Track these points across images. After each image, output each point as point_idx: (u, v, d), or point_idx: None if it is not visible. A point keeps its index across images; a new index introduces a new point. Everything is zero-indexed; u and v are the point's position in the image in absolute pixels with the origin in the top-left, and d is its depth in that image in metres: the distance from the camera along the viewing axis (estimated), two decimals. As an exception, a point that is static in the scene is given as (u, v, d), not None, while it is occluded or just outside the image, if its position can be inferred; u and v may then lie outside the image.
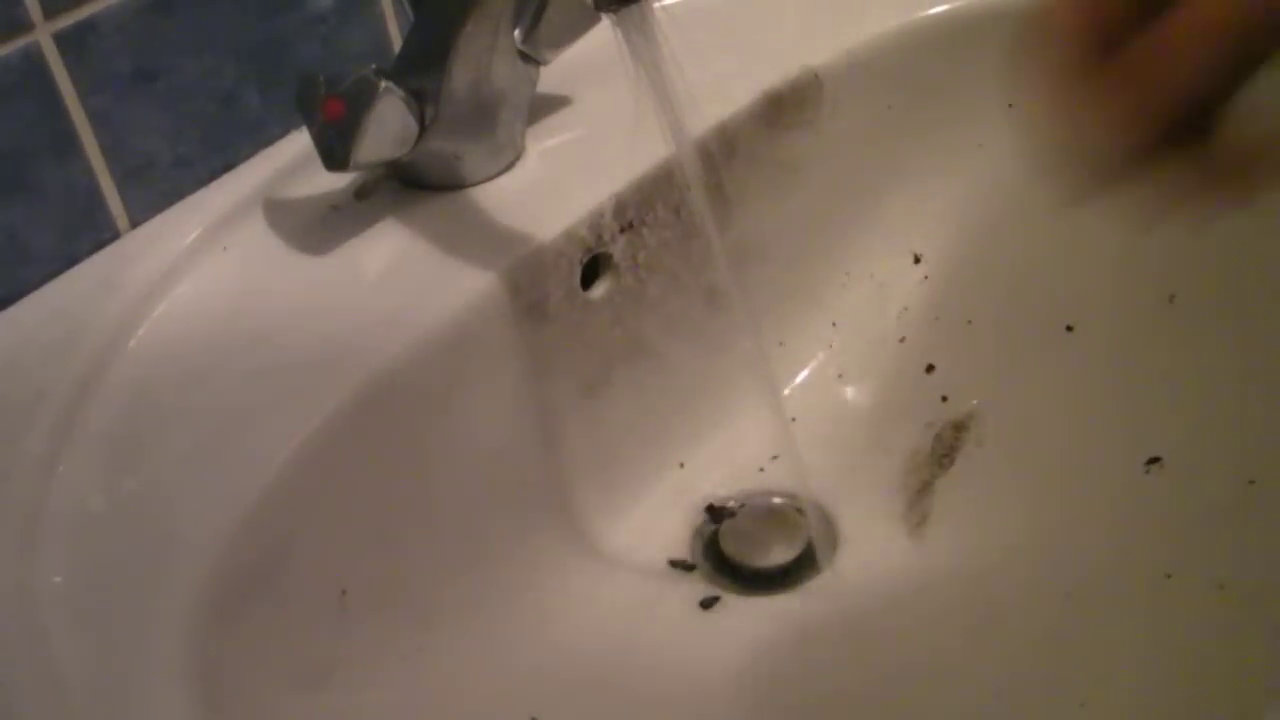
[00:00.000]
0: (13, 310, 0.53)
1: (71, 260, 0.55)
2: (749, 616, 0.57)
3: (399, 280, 0.54)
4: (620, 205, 0.57)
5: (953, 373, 0.62)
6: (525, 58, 0.56)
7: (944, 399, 0.63)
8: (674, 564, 0.60)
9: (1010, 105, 0.53)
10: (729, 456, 0.63)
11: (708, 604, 0.58)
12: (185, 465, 0.46)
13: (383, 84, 0.51)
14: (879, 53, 0.66)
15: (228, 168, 0.59)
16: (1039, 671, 0.52)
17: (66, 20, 0.52)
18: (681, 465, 0.63)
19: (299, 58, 0.60)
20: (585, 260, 0.56)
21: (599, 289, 0.58)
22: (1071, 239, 0.62)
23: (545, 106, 0.63)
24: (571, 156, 0.60)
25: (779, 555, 0.60)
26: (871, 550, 0.59)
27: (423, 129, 0.53)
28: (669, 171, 0.58)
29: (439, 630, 0.52)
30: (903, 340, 0.65)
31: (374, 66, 0.52)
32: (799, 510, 0.61)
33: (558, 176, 0.59)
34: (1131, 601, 0.53)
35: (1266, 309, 0.59)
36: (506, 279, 0.53)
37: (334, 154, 0.52)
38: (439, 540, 0.53)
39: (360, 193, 0.58)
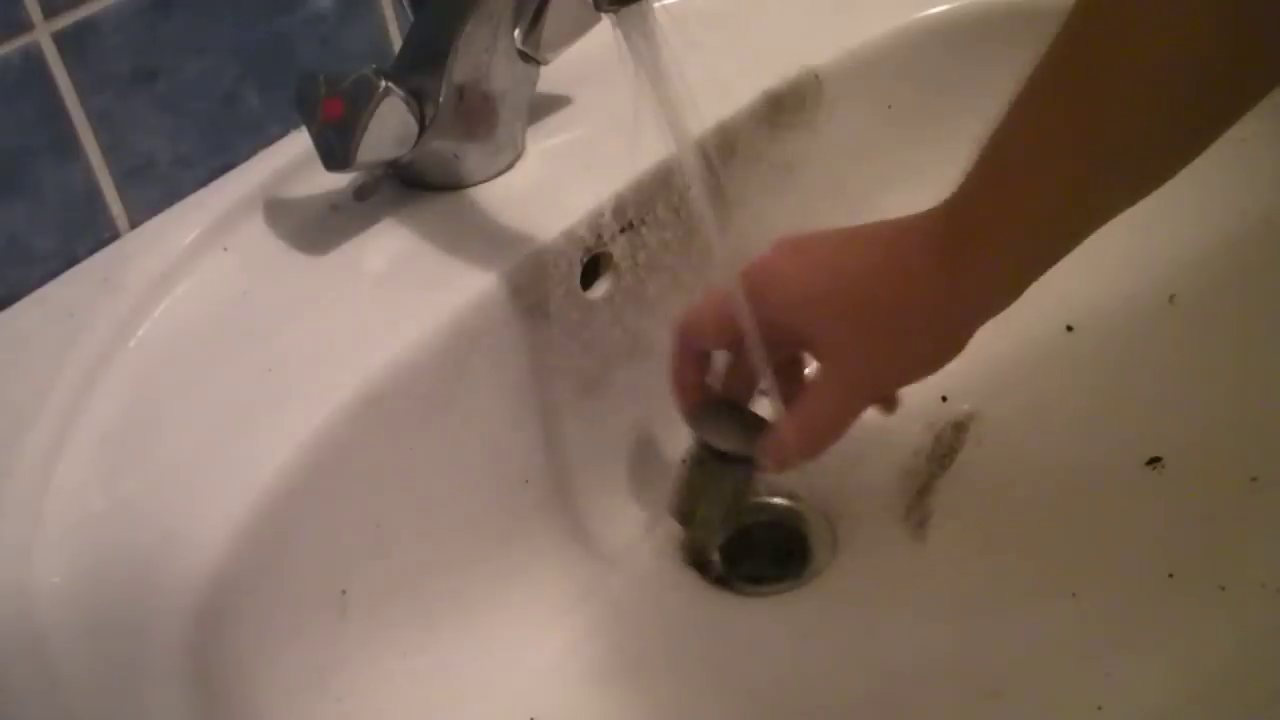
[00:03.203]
0: (13, 310, 0.53)
1: (71, 260, 0.55)
2: (750, 616, 0.57)
3: (399, 280, 0.54)
4: (620, 205, 0.57)
5: (953, 373, 0.62)
6: (525, 58, 0.56)
7: (944, 399, 0.63)
8: (683, 552, 0.60)
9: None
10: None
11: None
12: (185, 465, 0.46)
13: (383, 84, 0.51)
14: (879, 53, 0.66)
15: (228, 168, 0.59)
16: (1039, 671, 0.52)
17: (66, 20, 0.52)
18: (683, 462, 0.63)
19: (299, 58, 0.60)
20: (585, 260, 0.56)
21: (599, 289, 0.58)
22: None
23: (545, 106, 0.63)
24: (571, 156, 0.60)
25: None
26: (872, 550, 0.59)
27: (423, 129, 0.53)
28: (669, 171, 0.58)
29: (439, 630, 0.52)
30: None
31: (374, 66, 0.52)
32: (800, 511, 0.61)
33: (558, 176, 0.59)
34: (1133, 601, 0.53)
35: (1266, 309, 0.59)
36: (507, 279, 0.53)
37: (334, 154, 0.52)
38: (439, 540, 0.53)
39: (360, 193, 0.58)
